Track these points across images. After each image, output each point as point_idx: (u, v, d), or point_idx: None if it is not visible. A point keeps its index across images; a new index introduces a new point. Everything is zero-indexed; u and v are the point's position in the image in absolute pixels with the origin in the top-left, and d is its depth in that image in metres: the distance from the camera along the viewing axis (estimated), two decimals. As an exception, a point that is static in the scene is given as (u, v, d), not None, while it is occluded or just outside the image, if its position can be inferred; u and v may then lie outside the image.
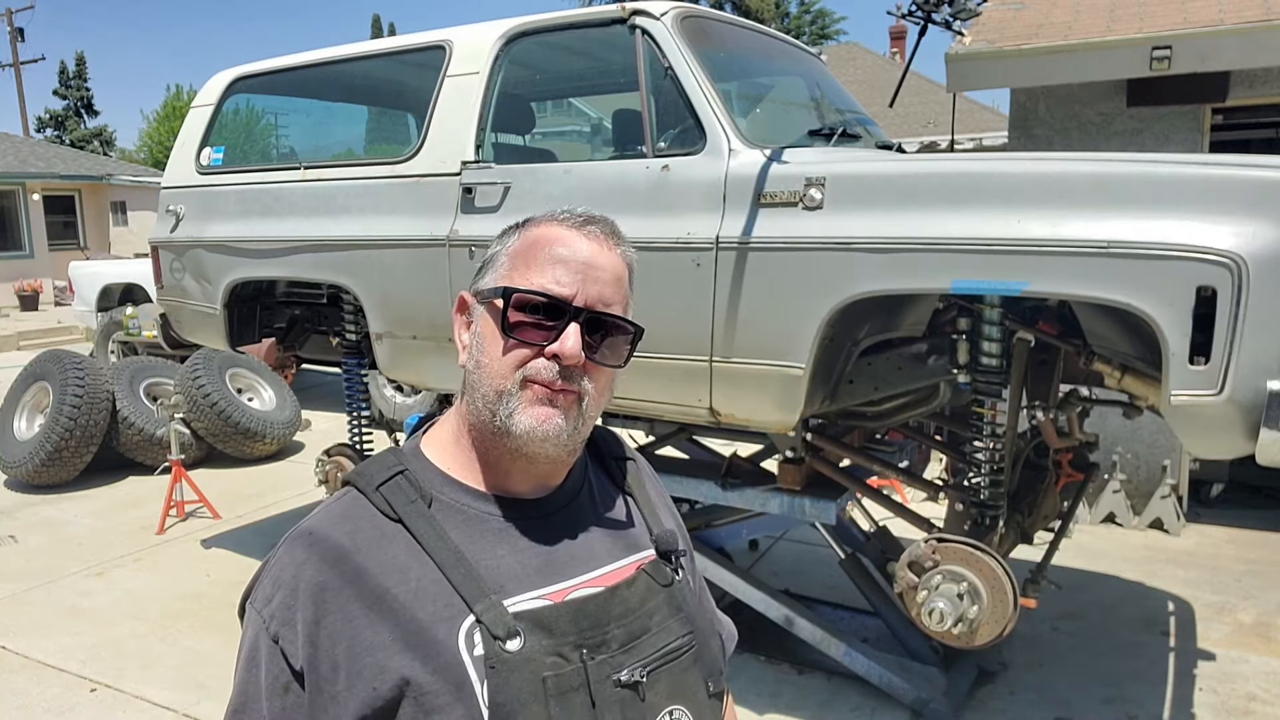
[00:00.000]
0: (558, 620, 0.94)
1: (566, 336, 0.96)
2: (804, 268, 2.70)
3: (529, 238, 1.01)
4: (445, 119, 3.49)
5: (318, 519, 0.98)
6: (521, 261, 1.00)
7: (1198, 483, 5.41)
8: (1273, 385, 2.18)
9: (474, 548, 0.96)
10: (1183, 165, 2.38)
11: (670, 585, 1.04)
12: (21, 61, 28.52)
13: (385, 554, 0.93)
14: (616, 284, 1.02)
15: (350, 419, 4.45)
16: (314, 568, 0.92)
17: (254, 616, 0.94)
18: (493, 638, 0.90)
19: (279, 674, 0.91)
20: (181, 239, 4.25)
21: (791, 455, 3.24)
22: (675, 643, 1.01)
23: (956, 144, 9.19)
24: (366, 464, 1.02)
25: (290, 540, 0.97)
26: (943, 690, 3.17)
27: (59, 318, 16.25)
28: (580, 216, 1.02)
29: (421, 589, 0.92)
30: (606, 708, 0.93)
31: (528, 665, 0.90)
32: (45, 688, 3.51)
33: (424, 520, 0.96)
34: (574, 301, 0.97)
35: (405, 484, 0.98)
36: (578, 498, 1.07)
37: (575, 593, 0.98)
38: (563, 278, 0.98)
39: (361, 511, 0.96)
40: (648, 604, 1.01)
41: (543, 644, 0.92)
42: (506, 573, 0.96)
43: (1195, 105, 4.74)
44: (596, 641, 0.95)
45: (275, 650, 0.91)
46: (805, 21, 32.78)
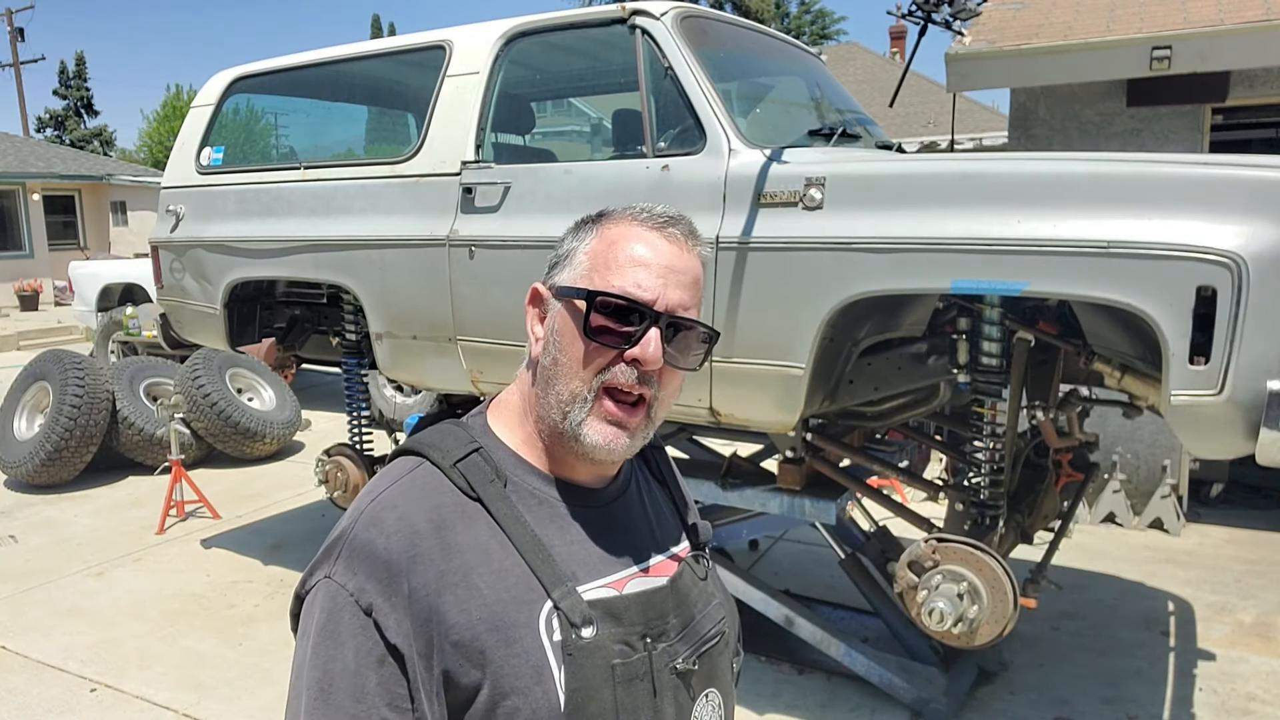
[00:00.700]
0: (628, 610, 0.97)
1: (648, 342, 0.95)
2: (804, 268, 2.69)
3: (609, 237, 0.99)
4: (445, 119, 3.49)
5: (398, 492, 0.95)
6: (602, 262, 0.98)
7: (1198, 483, 5.41)
8: (1273, 385, 2.18)
9: (545, 533, 0.97)
10: (1183, 165, 2.38)
11: (705, 578, 1.09)
12: (21, 61, 28.52)
13: (470, 533, 0.94)
14: (694, 286, 1.01)
15: (350, 419, 4.45)
16: (405, 540, 0.91)
17: (335, 591, 0.90)
18: (570, 624, 0.92)
19: (372, 647, 0.88)
20: (181, 239, 4.25)
21: (791, 455, 3.24)
22: (713, 629, 1.05)
23: (956, 144, 9.19)
24: (438, 436, 1.01)
25: (372, 512, 0.94)
26: (943, 690, 3.17)
27: (59, 318, 16.24)
28: (660, 217, 1.00)
29: (505, 570, 0.93)
30: (664, 694, 0.96)
31: (599, 652, 0.93)
32: (45, 688, 3.51)
33: (503, 502, 0.96)
34: (655, 306, 0.96)
35: (482, 462, 0.98)
36: (629, 489, 1.09)
37: (634, 583, 1.01)
38: (644, 281, 0.96)
39: (441, 486, 0.96)
40: (692, 594, 1.05)
41: (613, 632, 0.94)
42: (576, 560, 0.97)
43: (1195, 105, 4.74)
44: (659, 631, 0.98)
45: (369, 623, 0.88)
46: (805, 21, 32.79)
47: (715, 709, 1.04)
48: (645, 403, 0.98)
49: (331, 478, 4.25)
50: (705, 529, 1.14)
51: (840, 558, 3.53)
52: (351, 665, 0.88)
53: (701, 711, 1.02)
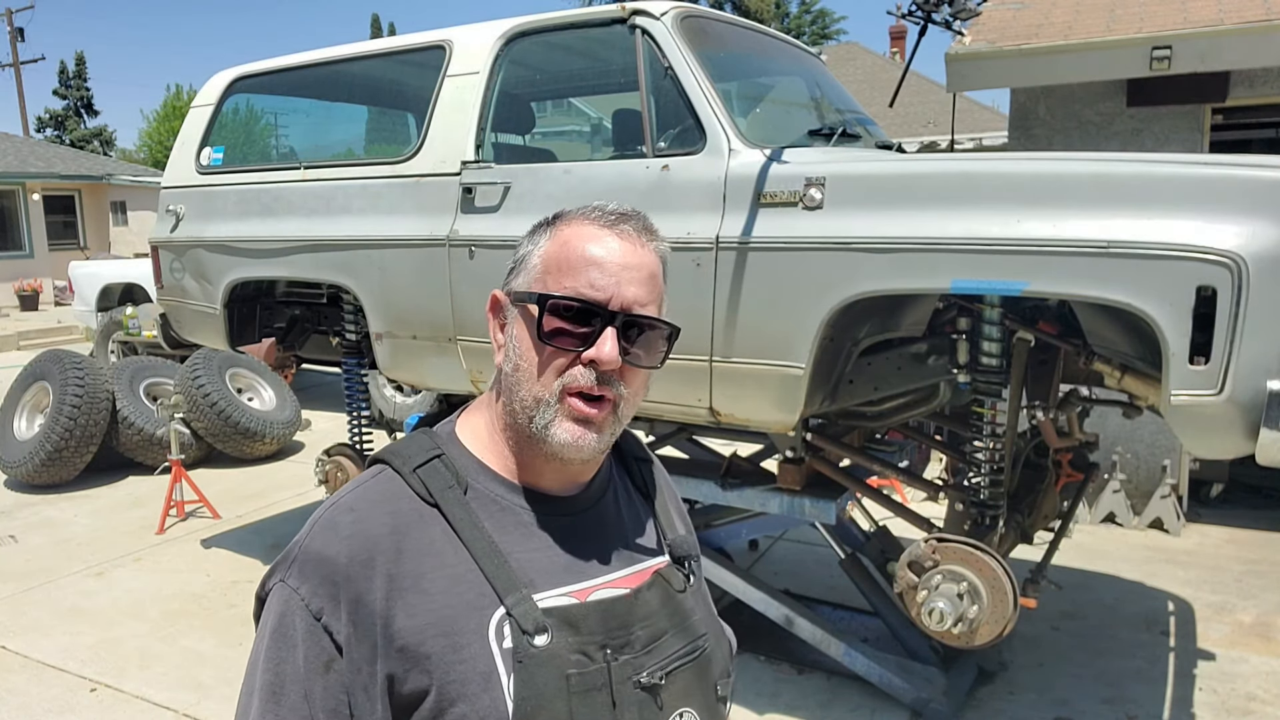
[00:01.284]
0: (585, 619, 0.95)
1: (603, 342, 0.95)
2: (804, 267, 2.70)
3: (561, 238, 0.99)
4: (445, 119, 3.49)
5: (356, 496, 0.97)
6: (555, 264, 0.98)
7: (1198, 483, 5.41)
8: (1273, 385, 2.18)
9: (506, 539, 0.96)
10: (1183, 165, 2.38)
11: (684, 591, 1.06)
12: (21, 61, 28.53)
13: (424, 537, 0.93)
14: (651, 282, 0.99)
15: (350, 419, 4.45)
16: (357, 545, 0.91)
17: (286, 594, 0.92)
18: (521, 632, 0.91)
19: (319, 652, 0.90)
20: (181, 239, 4.25)
21: (791, 455, 3.24)
22: (689, 646, 1.02)
23: (956, 144, 9.19)
24: (402, 444, 1.01)
25: (328, 517, 0.95)
26: (943, 690, 3.17)
27: (59, 318, 16.25)
28: (612, 214, 1.00)
29: (457, 576, 0.92)
30: (625, 708, 0.94)
31: (553, 661, 0.91)
32: (45, 688, 3.51)
33: (460, 507, 0.96)
34: (609, 305, 0.95)
35: (442, 468, 0.98)
36: (602, 499, 1.07)
37: (599, 593, 0.99)
38: (598, 280, 0.96)
39: (399, 492, 0.96)
40: (665, 608, 1.02)
41: (569, 641, 0.93)
42: (536, 567, 0.96)
43: (1195, 105, 4.74)
44: (621, 642, 0.96)
45: (317, 627, 0.90)
46: (805, 21, 32.81)
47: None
48: (610, 401, 0.97)
49: (331, 478, 4.26)
50: (686, 544, 1.10)
51: (840, 558, 3.53)
52: (301, 669, 0.90)
53: None
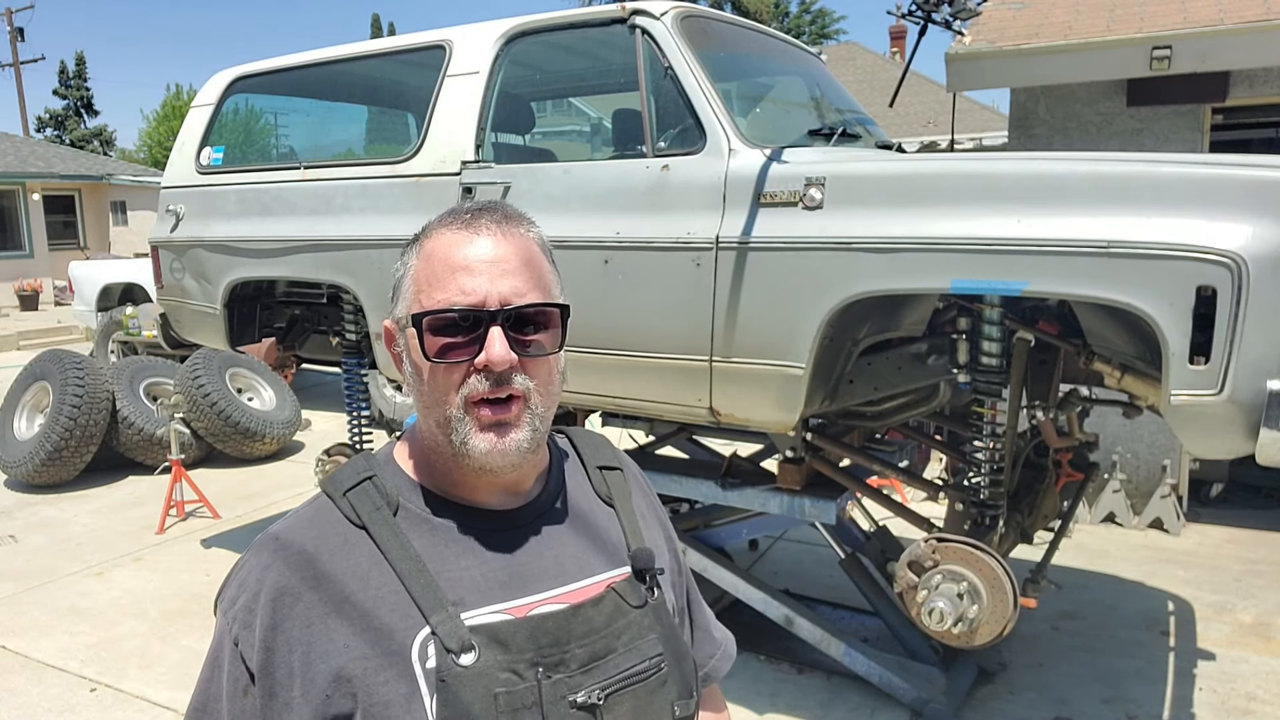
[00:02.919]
0: (515, 636, 0.92)
1: (490, 344, 0.92)
2: (804, 267, 2.70)
3: (425, 253, 0.97)
4: (445, 119, 3.49)
5: (286, 524, 0.98)
6: (424, 281, 0.95)
7: (1198, 483, 5.41)
8: (1273, 385, 2.18)
9: (437, 557, 0.94)
10: (1183, 165, 2.38)
11: (643, 606, 1.00)
12: (21, 61, 28.53)
13: (348, 560, 0.93)
14: (526, 268, 0.96)
15: (350, 419, 4.45)
16: (276, 572, 0.92)
17: (220, 618, 0.95)
18: (446, 651, 0.88)
19: (239, 676, 0.91)
20: (181, 239, 4.25)
21: (791, 455, 3.24)
22: (641, 665, 0.97)
23: (956, 144, 9.19)
24: (340, 469, 1.01)
25: (257, 544, 0.96)
26: (942, 690, 3.17)
27: (59, 318, 16.24)
28: (468, 213, 0.98)
29: (380, 598, 0.91)
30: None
31: (480, 680, 0.88)
32: (45, 688, 3.51)
33: (387, 528, 0.94)
34: (486, 306, 0.93)
35: (372, 490, 0.97)
36: (551, 509, 1.04)
37: (538, 609, 0.95)
38: (467, 284, 0.93)
39: (328, 517, 0.96)
40: (615, 624, 0.97)
41: (497, 659, 0.90)
42: (468, 585, 0.94)
43: (1195, 105, 4.74)
44: (555, 660, 0.92)
45: (235, 653, 0.91)
46: (805, 21, 32.81)
47: None
48: (518, 397, 0.94)
49: (331, 478, 4.25)
50: (646, 556, 1.04)
51: (840, 558, 3.53)
52: (224, 691, 0.92)
53: None
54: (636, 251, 2.96)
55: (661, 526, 1.16)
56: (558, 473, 1.07)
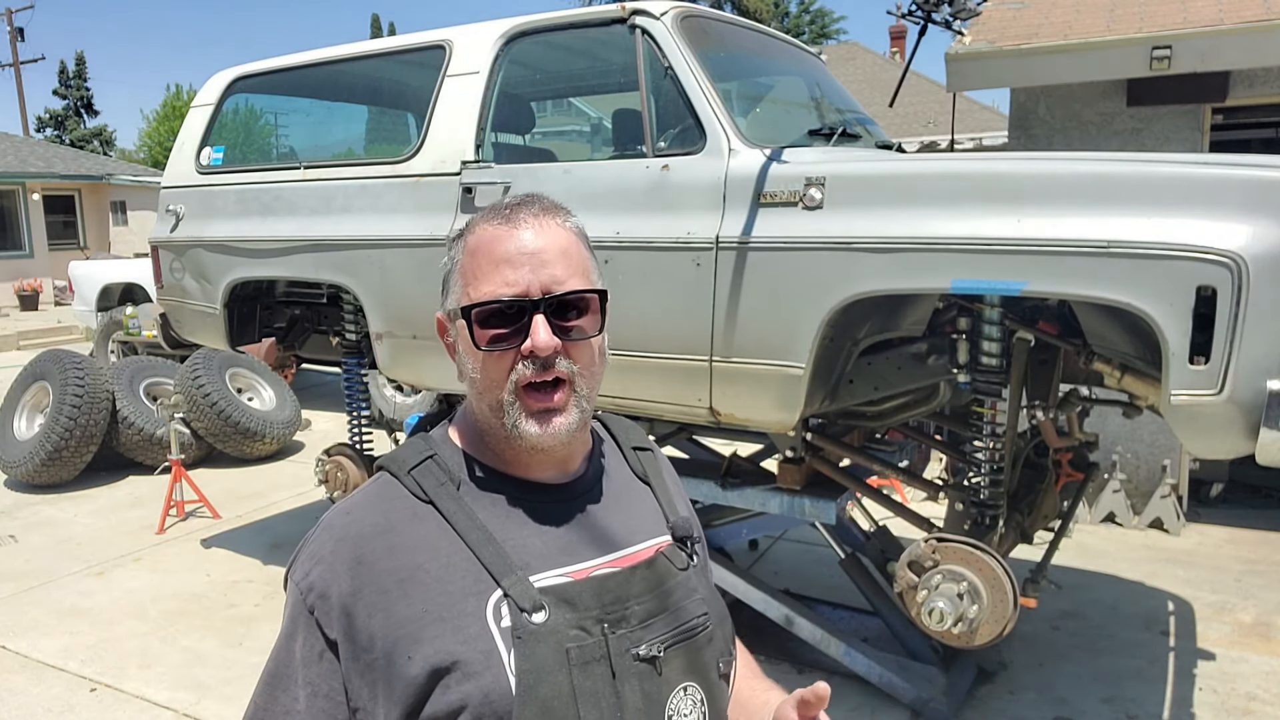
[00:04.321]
0: (581, 595, 0.98)
1: (535, 331, 0.98)
2: (804, 267, 2.69)
3: (470, 248, 1.03)
4: (445, 119, 3.49)
5: (354, 500, 1.04)
6: (470, 275, 1.02)
7: (1198, 483, 5.41)
8: (1273, 385, 2.18)
9: (500, 528, 1.00)
10: (1183, 165, 2.38)
11: (686, 569, 1.09)
12: (21, 61, 28.53)
13: (418, 532, 0.98)
14: (564, 257, 1.02)
15: (350, 419, 4.45)
16: (351, 544, 0.98)
17: (293, 590, 1.00)
18: (519, 610, 0.95)
19: (314, 643, 0.97)
20: (181, 239, 4.25)
21: (791, 455, 3.24)
22: (691, 623, 1.05)
23: (956, 144, 9.19)
24: (398, 450, 1.07)
25: (329, 519, 1.02)
26: (942, 690, 3.17)
27: (59, 318, 16.24)
28: (507, 206, 1.04)
29: (452, 565, 0.97)
30: (625, 679, 0.97)
31: (552, 636, 0.95)
32: (45, 688, 3.51)
33: (453, 501, 1.01)
34: (529, 295, 0.99)
35: (435, 468, 1.03)
36: (597, 485, 1.11)
37: (595, 572, 1.02)
38: (510, 276, 0.99)
39: (395, 493, 1.02)
40: (665, 584, 1.05)
41: (566, 617, 0.96)
42: (531, 551, 1.00)
43: (1195, 105, 4.74)
44: (617, 617, 0.99)
45: (311, 621, 0.97)
46: (805, 21, 32.81)
47: (696, 704, 1.03)
48: (564, 381, 1.00)
49: (331, 478, 4.26)
50: (687, 524, 1.13)
51: (840, 558, 3.53)
52: (298, 658, 0.98)
53: (679, 704, 1.02)
54: (637, 251, 2.96)
55: (686, 505, 1.22)
56: (598, 453, 1.15)
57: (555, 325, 0.99)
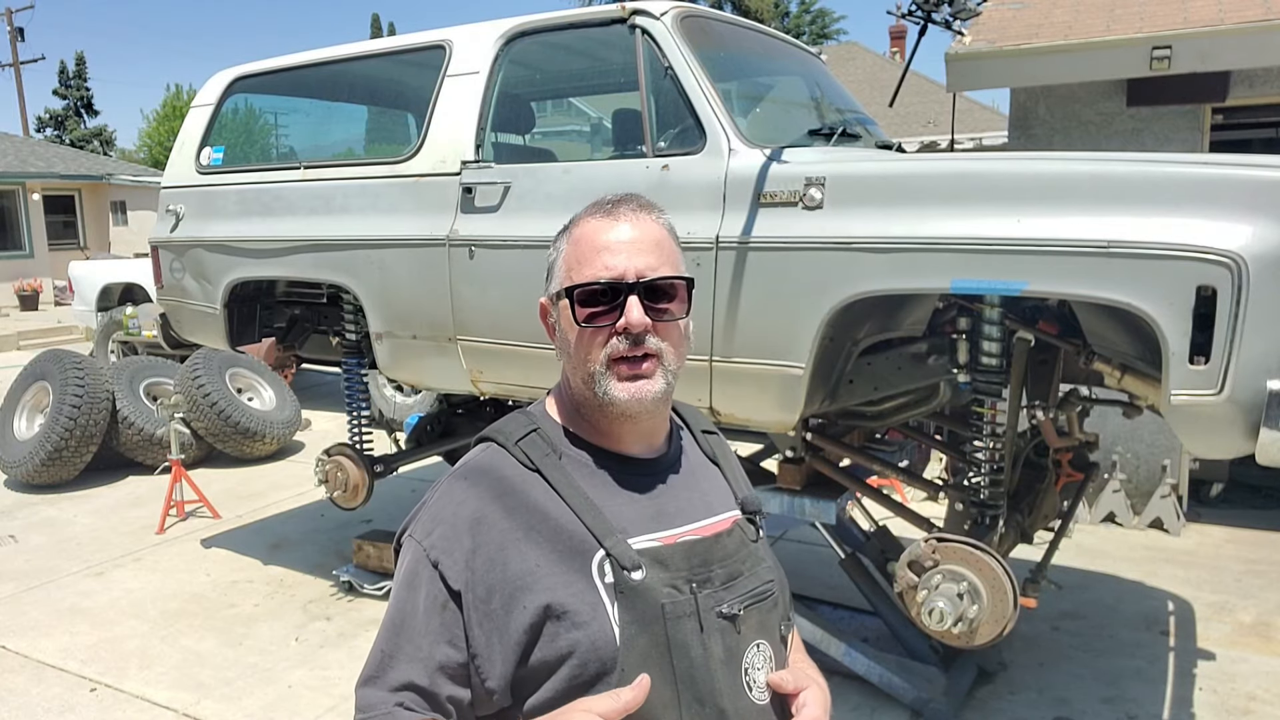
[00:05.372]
0: (673, 557, 1.11)
1: (629, 310, 1.10)
2: (804, 267, 2.69)
3: (574, 239, 1.16)
4: (445, 119, 3.49)
5: (469, 468, 1.15)
6: (574, 262, 1.14)
7: (1198, 483, 5.41)
8: (1273, 385, 2.18)
9: (598, 496, 1.12)
10: (1183, 165, 2.38)
11: (756, 541, 1.22)
12: (21, 61, 28.51)
13: (529, 496, 1.10)
14: (657, 248, 1.14)
15: (350, 419, 4.45)
16: (471, 505, 1.10)
17: (414, 546, 1.12)
18: (620, 568, 1.07)
19: (437, 594, 1.08)
20: (181, 239, 4.25)
21: (791, 455, 3.24)
22: (761, 587, 1.17)
23: (956, 144, 9.18)
24: (503, 422, 1.19)
25: (448, 483, 1.14)
26: (942, 690, 3.17)
27: (59, 318, 16.24)
28: (609, 202, 1.16)
29: (560, 525, 1.09)
30: (710, 633, 1.09)
31: (649, 592, 1.07)
32: (45, 688, 3.51)
33: (558, 471, 1.13)
34: (625, 279, 1.11)
35: (539, 440, 1.16)
36: (679, 461, 1.23)
37: (683, 538, 1.14)
38: (610, 262, 1.11)
39: (504, 461, 1.14)
40: (741, 551, 1.17)
41: (660, 576, 1.08)
42: (627, 518, 1.12)
43: (1195, 105, 4.73)
44: (703, 578, 1.11)
45: (435, 574, 1.08)
46: (805, 21, 32.79)
47: (767, 659, 1.15)
48: (653, 355, 1.11)
49: (331, 477, 4.25)
50: (755, 500, 1.26)
51: (840, 558, 3.53)
52: (421, 608, 1.08)
53: (753, 658, 1.13)
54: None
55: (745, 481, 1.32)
56: (677, 435, 1.27)
57: (647, 307, 1.11)
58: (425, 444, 4.79)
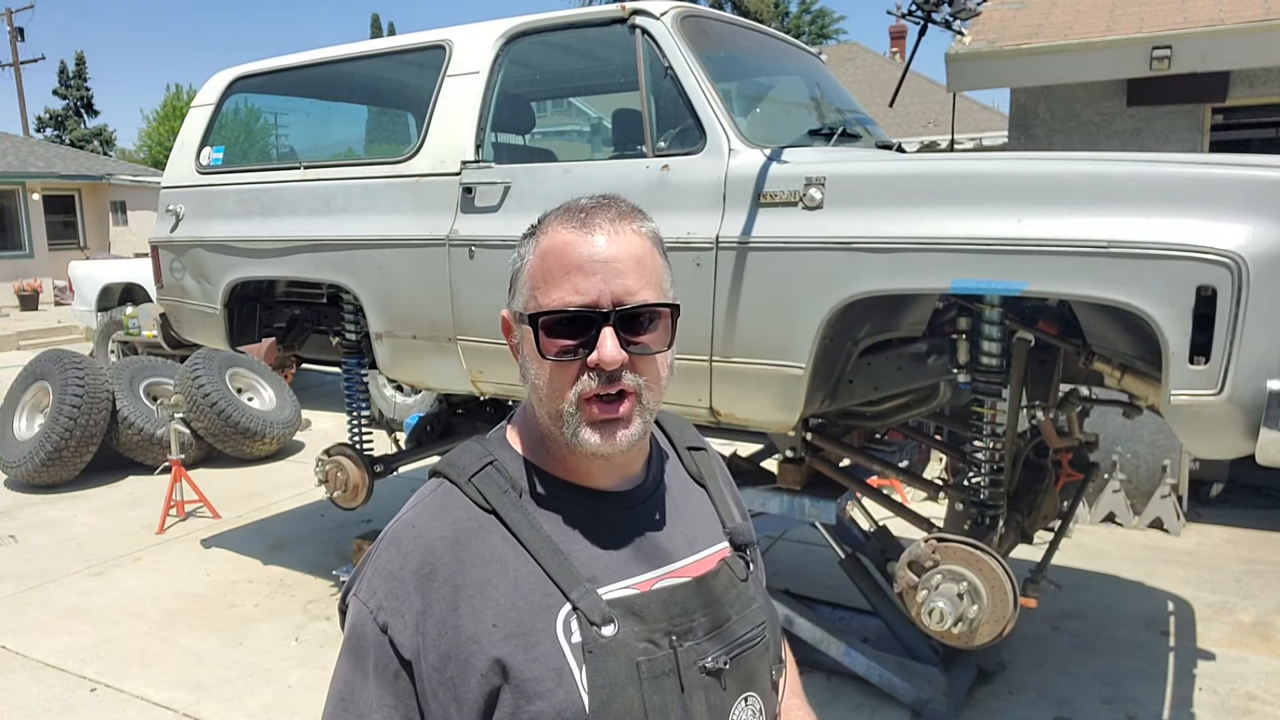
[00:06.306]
0: (649, 607, 0.97)
1: (602, 344, 0.94)
2: (804, 267, 2.69)
3: (541, 249, 0.99)
4: (445, 119, 3.49)
5: (416, 513, 1.00)
6: (540, 278, 0.98)
7: (1198, 483, 5.41)
8: (1273, 385, 2.18)
9: (565, 538, 0.98)
10: (1183, 165, 2.38)
11: (746, 579, 1.08)
12: (21, 61, 28.53)
13: (485, 545, 0.96)
14: (638, 267, 0.98)
15: (350, 419, 4.45)
16: (419, 557, 0.95)
17: (359, 608, 0.97)
18: (589, 624, 0.93)
19: (388, 663, 0.94)
20: (181, 239, 4.25)
21: (791, 455, 3.24)
22: (751, 632, 1.04)
23: (956, 144, 9.18)
24: (456, 454, 1.04)
25: (394, 534, 0.99)
26: (942, 690, 3.17)
27: (59, 318, 16.24)
28: (583, 211, 1.00)
29: (520, 579, 0.95)
30: (693, 691, 0.97)
31: (623, 650, 0.94)
32: (45, 688, 3.51)
33: (517, 511, 0.98)
34: (599, 306, 0.95)
35: (496, 475, 1.01)
36: (656, 491, 1.09)
37: (661, 582, 1.01)
38: (581, 284, 0.95)
39: (457, 502, 0.99)
40: (729, 594, 1.04)
41: (635, 630, 0.95)
42: (597, 563, 0.98)
43: (1195, 105, 4.73)
44: (684, 629, 0.98)
45: (384, 640, 0.94)
46: (805, 21, 32.80)
47: (756, 714, 1.03)
48: (629, 394, 0.97)
49: (331, 478, 4.25)
50: (745, 531, 1.12)
51: (840, 558, 3.53)
52: (371, 677, 0.95)
53: (741, 714, 1.01)
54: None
55: (737, 503, 1.20)
56: (657, 457, 1.12)
57: (624, 338, 0.95)
58: (425, 444, 4.79)
